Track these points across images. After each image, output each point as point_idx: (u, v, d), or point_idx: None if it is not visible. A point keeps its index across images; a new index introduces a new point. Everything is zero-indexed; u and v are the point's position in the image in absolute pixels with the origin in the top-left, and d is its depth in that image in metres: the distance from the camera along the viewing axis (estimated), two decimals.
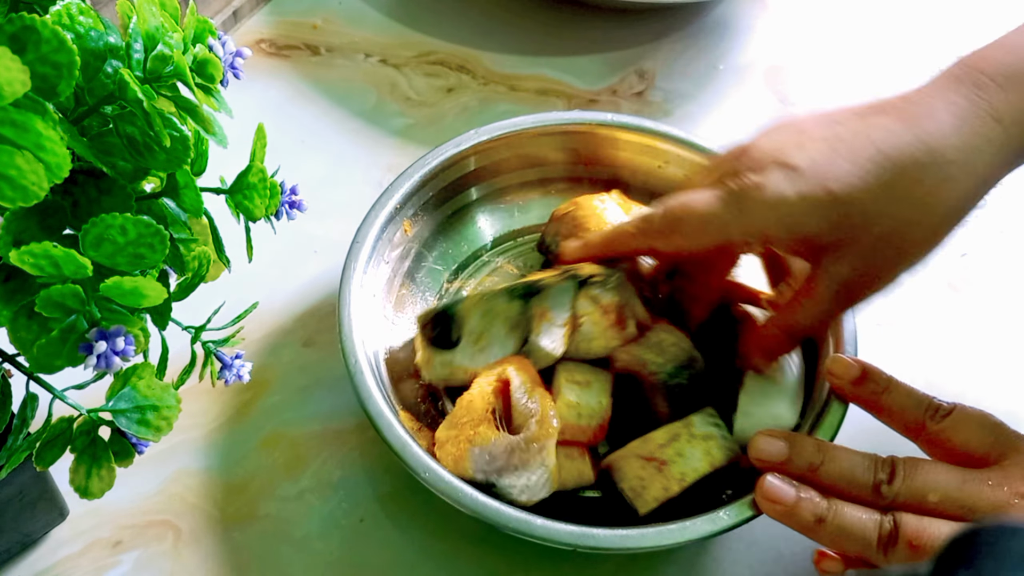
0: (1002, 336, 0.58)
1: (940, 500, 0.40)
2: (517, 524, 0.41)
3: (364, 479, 0.49)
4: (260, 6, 0.72)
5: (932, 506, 0.40)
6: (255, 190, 0.35)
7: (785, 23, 0.75)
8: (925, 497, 0.40)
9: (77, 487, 0.32)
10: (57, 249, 0.27)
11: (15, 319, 0.29)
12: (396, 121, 0.66)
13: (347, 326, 0.47)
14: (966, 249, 0.62)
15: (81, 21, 0.29)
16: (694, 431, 0.45)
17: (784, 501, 0.41)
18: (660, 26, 0.74)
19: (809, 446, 0.43)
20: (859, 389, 0.45)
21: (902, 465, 0.41)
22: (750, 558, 0.48)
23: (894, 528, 0.39)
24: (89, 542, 0.46)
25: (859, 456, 0.42)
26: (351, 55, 0.70)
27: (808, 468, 0.42)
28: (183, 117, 0.31)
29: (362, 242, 0.51)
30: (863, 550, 0.40)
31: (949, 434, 0.42)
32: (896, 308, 0.58)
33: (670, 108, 0.68)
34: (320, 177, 0.62)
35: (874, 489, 0.41)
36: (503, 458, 0.43)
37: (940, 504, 0.40)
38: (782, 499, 0.41)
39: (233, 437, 0.51)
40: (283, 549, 0.47)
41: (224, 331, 0.38)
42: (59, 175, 0.25)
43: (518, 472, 0.42)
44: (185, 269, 0.34)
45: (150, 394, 0.32)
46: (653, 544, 0.41)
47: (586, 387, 0.47)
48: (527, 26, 0.72)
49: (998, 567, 0.22)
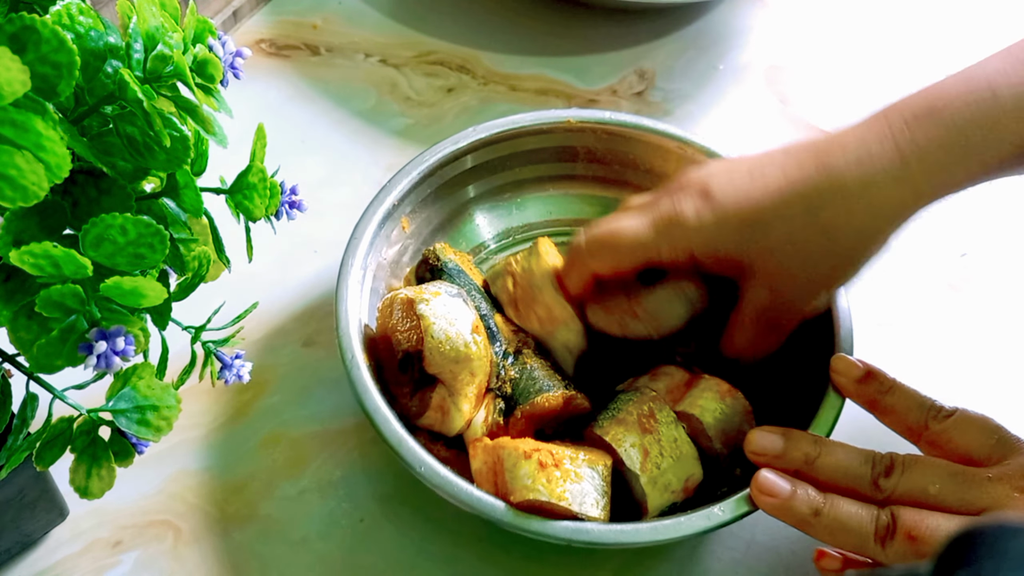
0: (1002, 336, 0.58)
1: (939, 492, 0.40)
2: (512, 520, 0.41)
3: (364, 479, 0.49)
4: (260, 6, 0.72)
5: (931, 498, 0.40)
6: (255, 190, 0.35)
7: (785, 23, 0.75)
8: (925, 490, 0.40)
9: (77, 487, 0.32)
10: (57, 249, 0.27)
11: (15, 319, 0.29)
12: (396, 121, 0.66)
13: (344, 321, 0.47)
14: (966, 249, 0.62)
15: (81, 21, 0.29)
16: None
17: (779, 494, 0.41)
18: (660, 26, 0.74)
19: (805, 440, 0.43)
20: (862, 388, 0.45)
21: (901, 460, 0.42)
22: (750, 558, 0.48)
23: (891, 521, 0.40)
24: (89, 542, 0.46)
25: (856, 451, 0.42)
26: (351, 55, 0.70)
27: (804, 462, 0.42)
28: (183, 117, 0.31)
29: (360, 238, 0.51)
30: (860, 544, 0.40)
31: (950, 436, 0.42)
32: (896, 308, 0.58)
33: (670, 108, 0.68)
34: (320, 177, 0.62)
35: (872, 483, 0.41)
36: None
37: (939, 496, 0.40)
38: (777, 492, 0.41)
39: (233, 437, 0.51)
40: (283, 549, 0.47)
41: (224, 331, 0.38)
42: (59, 175, 0.25)
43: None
44: (185, 269, 0.34)
45: (150, 394, 0.32)
46: (648, 540, 0.41)
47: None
48: (527, 26, 0.72)
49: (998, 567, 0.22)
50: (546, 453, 0.43)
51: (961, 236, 0.62)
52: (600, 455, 0.44)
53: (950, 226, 0.63)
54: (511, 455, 0.42)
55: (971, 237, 0.62)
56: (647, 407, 0.45)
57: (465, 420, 0.46)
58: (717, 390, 0.47)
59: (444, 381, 0.46)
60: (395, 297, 0.48)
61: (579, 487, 0.42)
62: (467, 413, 0.46)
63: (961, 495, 0.40)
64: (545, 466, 0.42)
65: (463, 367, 0.46)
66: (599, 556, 0.47)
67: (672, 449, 0.44)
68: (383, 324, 0.48)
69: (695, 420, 0.45)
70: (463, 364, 0.46)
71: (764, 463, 0.43)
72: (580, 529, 0.41)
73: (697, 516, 0.42)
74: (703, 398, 0.46)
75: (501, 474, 0.43)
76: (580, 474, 0.42)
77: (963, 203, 0.63)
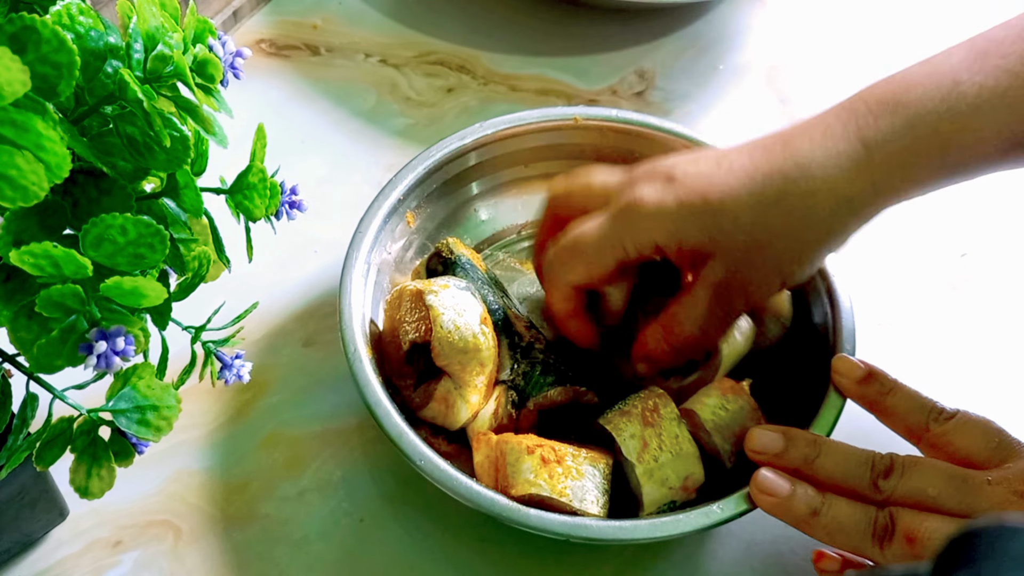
0: (1002, 336, 0.58)
1: (939, 495, 0.40)
2: (511, 514, 0.41)
3: (364, 479, 0.49)
4: (260, 6, 0.72)
5: (931, 501, 0.40)
6: (255, 190, 0.35)
7: (785, 23, 0.75)
8: (924, 491, 0.40)
9: (77, 487, 0.32)
10: (57, 249, 0.27)
11: (15, 319, 0.29)
12: (396, 121, 0.66)
13: (347, 315, 0.47)
14: (966, 249, 0.62)
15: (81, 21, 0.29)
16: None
17: (778, 493, 0.41)
18: (660, 26, 0.74)
19: (805, 440, 0.43)
20: (863, 389, 0.45)
21: (901, 461, 0.42)
22: (750, 558, 0.48)
23: (890, 522, 0.40)
24: (89, 542, 0.46)
25: (856, 451, 0.42)
26: (351, 55, 0.70)
27: (803, 461, 0.42)
28: (183, 117, 0.31)
29: (365, 232, 0.51)
30: (858, 544, 0.40)
31: (950, 438, 0.42)
32: (896, 308, 0.58)
33: (670, 108, 0.68)
34: (320, 177, 0.62)
35: (872, 484, 0.41)
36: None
37: (939, 498, 0.40)
38: (776, 491, 0.41)
39: (233, 437, 0.51)
40: (283, 549, 0.47)
41: (224, 331, 0.38)
42: (59, 175, 0.25)
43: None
44: (185, 269, 0.34)
45: (150, 394, 0.32)
46: (646, 536, 0.41)
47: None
48: (527, 26, 0.72)
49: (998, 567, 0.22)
50: (548, 449, 0.43)
51: (961, 236, 0.62)
52: (602, 454, 0.44)
53: (950, 226, 0.63)
54: (514, 450, 0.43)
55: (971, 237, 0.62)
56: (652, 402, 0.46)
57: (472, 412, 0.46)
58: (719, 387, 0.47)
59: (451, 373, 0.46)
60: (404, 289, 0.48)
61: (580, 484, 0.42)
62: (475, 405, 0.46)
63: (961, 498, 0.40)
64: (548, 462, 0.42)
65: (471, 357, 0.46)
66: (599, 555, 0.47)
67: (672, 444, 0.44)
68: (391, 316, 0.48)
69: (695, 416, 0.45)
70: (471, 355, 0.46)
71: (764, 462, 0.43)
72: (579, 524, 0.41)
73: (696, 514, 0.42)
74: (706, 395, 0.46)
75: (503, 468, 0.43)
76: (581, 471, 0.43)
77: (963, 203, 0.63)
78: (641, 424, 0.45)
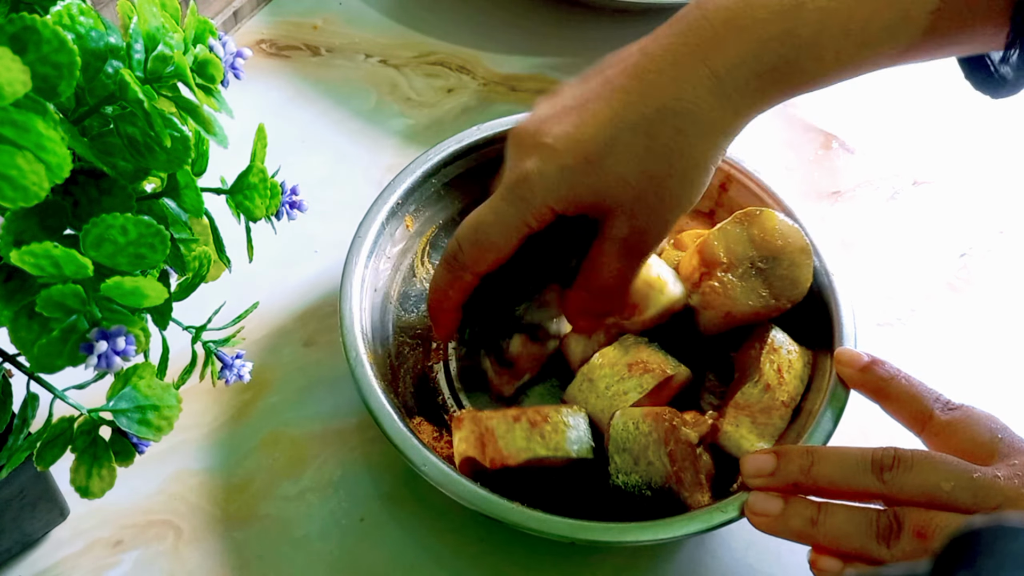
0: (1002, 336, 0.58)
1: (952, 489, 0.40)
2: (514, 516, 0.41)
3: (364, 479, 0.49)
4: (260, 6, 0.72)
5: (944, 496, 0.40)
6: (255, 190, 0.35)
7: None
8: (938, 485, 0.40)
9: (78, 487, 0.32)
10: (58, 249, 0.27)
11: (16, 319, 0.29)
12: (396, 121, 0.66)
13: (348, 319, 0.47)
14: (966, 249, 0.62)
15: (82, 21, 0.29)
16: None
17: (770, 512, 0.41)
18: None
19: (796, 452, 0.43)
20: (866, 377, 0.45)
21: (903, 455, 0.41)
22: (750, 558, 0.48)
23: (894, 520, 0.39)
24: (90, 542, 0.46)
25: (851, 450, 0.42)
26: (351, 55, 0.70)
27: (800, 473, 0.42)
28: (184, 117, 0.31)
29: (364, 237, 0.51)
30: (864, 545, 0.39)
31: (954, 429, 0.42)
32: (896, 308, 0.58)
33: None
34: (320, 177, 0.62)
35: (876, 478, 0.41)
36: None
37: (952, 493, 0.39)
38: (768, 511, 0.41)
39: (233, 437, 0.51)
40: (283, 549, 0.47)
41: (224, 331, 0.39)
42: (60, 175, 0.25)
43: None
44: (186, 269, 0.34)
45: (151, 394, 0.32)
46: (649, 538, 0.42)
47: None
48: (527, 26, 0.73)
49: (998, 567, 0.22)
50: (532, 412, 0.45)
51: (961, 236, 0.62)
52: (575, 407, 0.47)
53: (950, 226, 0.63)
54: (500, 423, 0.45)
55: (971, 237, 0.62)
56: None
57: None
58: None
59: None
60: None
61: (569, 435, 0.45)
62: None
63: (974, 492, 0.39)
64: (536, 424, 0.45)
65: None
66: (599, 555, 0.47)
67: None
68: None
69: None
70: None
71: (761, 485, 0.42)
72: (582, 526, 0.41)
73: (696, 516, 0.42)
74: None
75: (492, 442, 0.44)
76: (568, 422, 0.45)
77: (963, 203, 0.63)
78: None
